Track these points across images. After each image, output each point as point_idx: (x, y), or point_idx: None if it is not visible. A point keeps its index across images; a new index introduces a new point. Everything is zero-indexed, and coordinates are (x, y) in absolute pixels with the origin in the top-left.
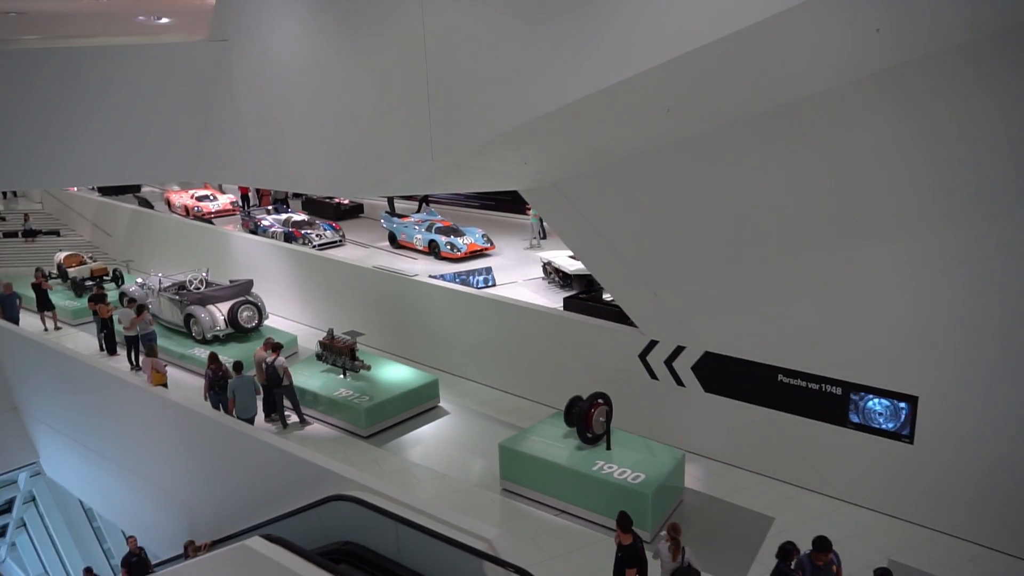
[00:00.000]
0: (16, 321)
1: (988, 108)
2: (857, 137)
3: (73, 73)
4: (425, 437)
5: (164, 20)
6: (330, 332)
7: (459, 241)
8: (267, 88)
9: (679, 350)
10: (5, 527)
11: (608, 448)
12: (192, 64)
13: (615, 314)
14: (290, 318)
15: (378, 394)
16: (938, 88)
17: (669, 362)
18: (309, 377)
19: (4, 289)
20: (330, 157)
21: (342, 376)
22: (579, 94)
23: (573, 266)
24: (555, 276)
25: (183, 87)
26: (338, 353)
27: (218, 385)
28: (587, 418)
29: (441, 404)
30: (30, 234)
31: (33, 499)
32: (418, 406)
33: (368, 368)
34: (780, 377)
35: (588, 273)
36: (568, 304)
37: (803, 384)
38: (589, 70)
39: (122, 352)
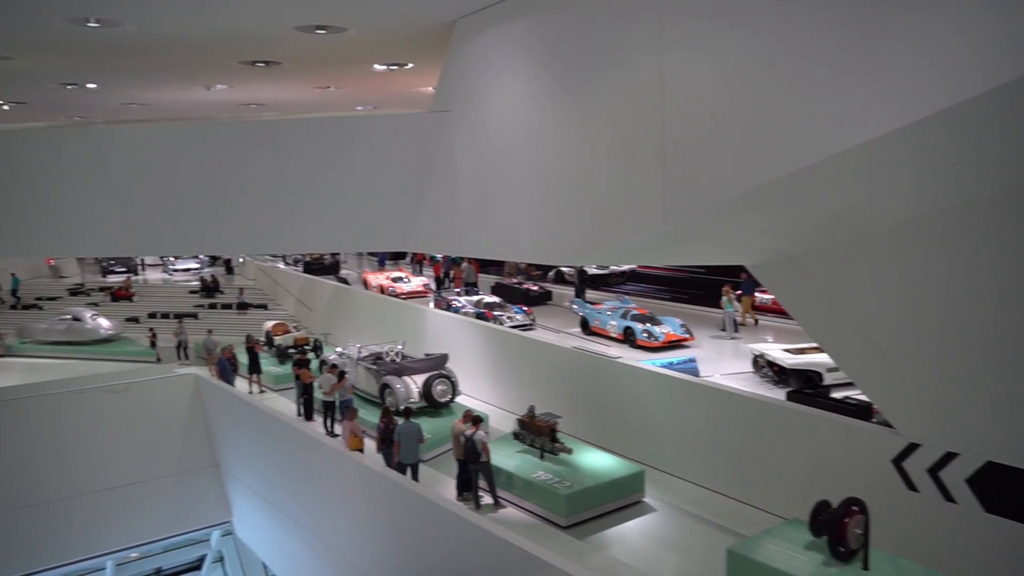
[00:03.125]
0: (232, 383)
1: None
2: None
3: (294, 144)
4: (630, 534)
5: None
6: (530, 410)
7: (656, 330)
8: (484, 156)
9: (949, 457)
10: None
11: (865, 567)
12: (412, 135)
13: (848, 413)
14: (479, 397)
15: (580, 481)
16: None
17: (934, 471)
18: (504, 456)
19: (223, 353)
20: (547, 223)
21: (540, 458)
22: (847, 144)
23: (791, 360)
24: (768, 370)
25: (401, 158)
26: (537, 433)
27: (389, 439)
28: (840, 528)
29: (646, 499)
30: (243, 307)
31: (221, 559)
32: (621, 499)
33: (570, 452)
34: None
35: (808, 368)
36: (791, 400)
37: None
38: (862, 115)
39: (318, 419)
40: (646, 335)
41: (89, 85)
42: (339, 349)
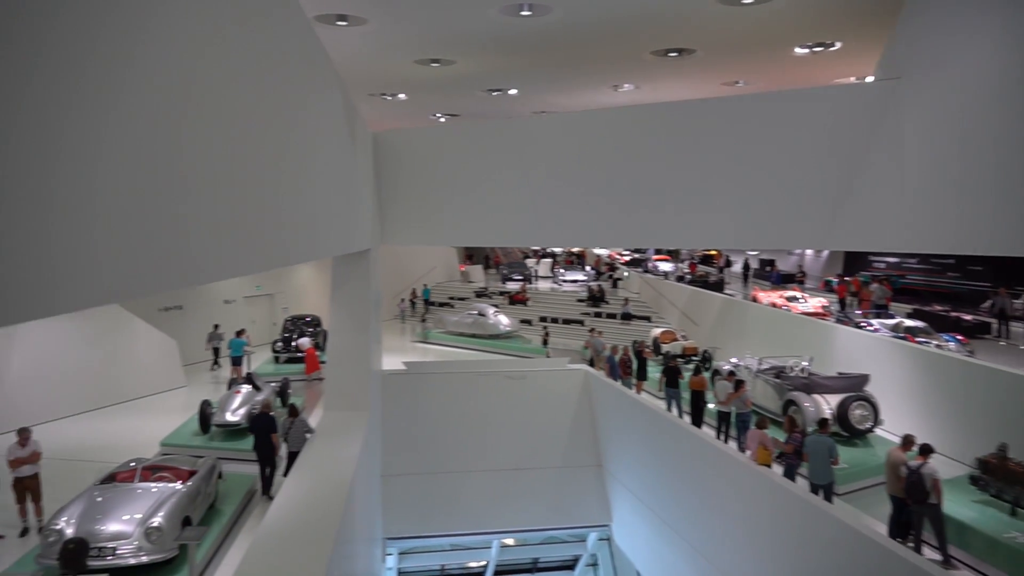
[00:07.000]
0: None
1: None
2: None
3: (704, 126)
4: None
5: None
6: (1001, 448)
7: None
8: (947, 128)
9: None
10: None
11: None
12: (846, 110)
13: None
14: (901, 432)
15: None
16: None
17: None
18: (955, 504)
19: (611, 351)
20: None
21: (1010, 514)
22: None
23: None
24: None
25: (830, 138)
26: (1011, 480)
27: (796, 452)
28: None
29: None
30: (627, 317)
31: (595, 563)
32: None
33: None
34: None
35: None
36: None
37: None
38: None
39: (706, 430)
40: None
41: (511, 92)
42: (734, 360)
